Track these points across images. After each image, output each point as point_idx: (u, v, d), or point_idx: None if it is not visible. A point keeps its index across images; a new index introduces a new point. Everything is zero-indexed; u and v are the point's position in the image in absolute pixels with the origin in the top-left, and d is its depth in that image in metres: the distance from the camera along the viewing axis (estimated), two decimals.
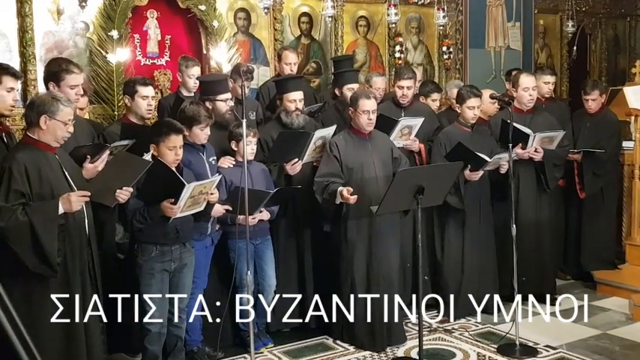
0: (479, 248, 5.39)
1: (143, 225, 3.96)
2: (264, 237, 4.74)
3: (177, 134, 4.00)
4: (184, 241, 4.16)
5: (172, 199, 3.85)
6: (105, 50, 5.65)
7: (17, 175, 3.23)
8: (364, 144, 4.77)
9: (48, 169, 3.37)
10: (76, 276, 3.40)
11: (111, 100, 5.67)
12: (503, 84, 7.28)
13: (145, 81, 4.54)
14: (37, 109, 3.37)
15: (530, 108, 5.64)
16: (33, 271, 3.21)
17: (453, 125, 5.46)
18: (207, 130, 4.36)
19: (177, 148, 4.00)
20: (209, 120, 4.35)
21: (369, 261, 4.71)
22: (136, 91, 4.41)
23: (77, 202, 3.32)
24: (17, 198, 3.23)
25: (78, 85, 3.99)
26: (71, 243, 3.38)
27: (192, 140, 4.35)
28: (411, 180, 4.16)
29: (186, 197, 3.84)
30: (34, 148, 3.38)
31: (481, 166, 5.05)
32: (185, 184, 3.80)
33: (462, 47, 8.01)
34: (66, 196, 3.30)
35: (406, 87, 5.62)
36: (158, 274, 4.05)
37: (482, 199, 5.40)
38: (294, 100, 4.96)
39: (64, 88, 3.92)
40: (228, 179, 4.53)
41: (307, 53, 7.01)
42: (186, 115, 4.32)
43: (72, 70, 3.93)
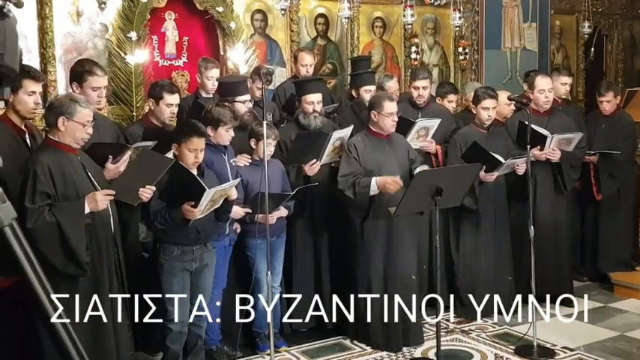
0: (495, 249, 5.43)
1: (164, 226, 4.01)
2: (281, 234, 4.80)
3: (199, 137, 4.04)
4: (205, 242, 4.21)
5: (193, 201, 3.90)
6: (123, 51, 5.73)
7: (42, 177, 3.29)
8: (382, 146, 4.82)
9: (71, 170, 3.43)
10: (104, 274, 3.48)
11: (129, 100, 5.75)
12: (520, 85, 7.31)
13: (172, 88, 4.52)
14: (55, 110, 3.43)
15: (547, 109, 5.67)
16: (62, 271, 3.27)
17: (469, 126, 5.51)
18: (232, 131, 4.43)
19: (198, 151, 4.04)
20: (234, 122, 4.42)
21: (387, 262, 4.76)
22: (162, 98, 4.41)
23: (103, 201, 3.38)
24: (44, 199, 3.29)
25: (100, 88, 4.05)
26: (98, 241, 3.45)
27: (215, 141, 4.42)
28: (430, 181, 4.20)
29: (207, 201, 3.90)
30: (56, 149, 3.44)
31: (496, 167, 5.09)
32: (206, 189, 3.84)
33: (477, 48, 8.04)
34: (91, 195, 3.36)
35: (422, 87, 5.67)
36: (179, 273, 4.10)
37: (498, 200, 5.45)
38: (313, 102, 5.02)
39: (87, 90, 3.99)
40: (244, 178, 4.59)
41: (323, 54, 7.07)
42: (212, 115, 4.39)
43: (95, 72, 4.00)
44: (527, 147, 4.79)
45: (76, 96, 3.60)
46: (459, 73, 7.96)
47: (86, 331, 3.31)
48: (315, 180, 4.91)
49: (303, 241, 5.10)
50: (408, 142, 5.12)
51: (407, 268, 4.80)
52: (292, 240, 5.02)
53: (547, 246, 5.56)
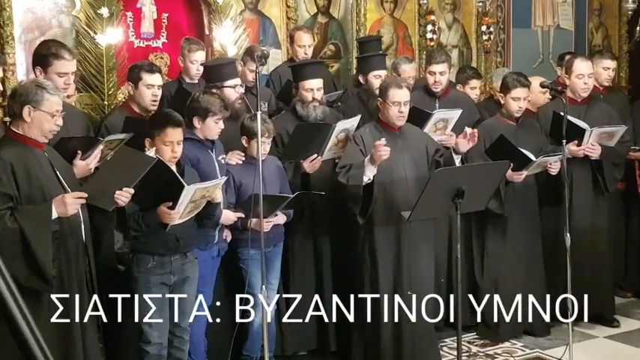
0: (524, 260, 5.45)
1: (138, 232, 4.02)
2: (277, 243, 4.81)
3: (174, 127, 4.06)
4: (186, 251, 4.22)
5: (170, 202, 3.91)
6: (93, 31, 5.73)
7: (3, 176, 3.30)
8: (394, 140, 4.81)
9: (37, 168, 3.44)
10: (73, 289, 3.49)
11: (100, 87, 5.76)
12: (554, 69, 7.34)
13: (152, 68, 4.64)
14: (20, 98, 3.45)
15: (585, 98, 5.69)
16: (24, 286, 3.24)
17: (496, 117, 5.54)
18: (222, 123, 4.44)
19: (175, 144, 4.05)
20: (225, 112, 4.43)
21: (397, 277, 4.76)
22: (141, 79, 4.50)
23: (73, 205, 3.39)
24: (5, 202, 3.29)
25: (68, 74, 4.08)
26: (67, 252, 3.47)
27: (202, 135, 4.43)
28: (450, 181, 4.22)
29: (187, 201, 3.90)
30: (20, 144, 3.45)
31: (525, 166, 5.11)
32: (184, 186, 3.85)
33: (504, 27, 8.07)
34: (60, 198, 3.37)
35: (439, 72, 5.69)
36: (156, 287, 4.11)
37: (527, 204, 5.47)
38: (312, 89, 5.02)
39: (52, 75, 4.02)
40: (237, 179, 4.61)
41: (325, 34, 7.09)
42: (200, 104, 4.40)
43: (62, 55, 4.03)
44: (563, 142, 4.81)
45: (44, 82, 3.61)
46: (483, 55, 7.98)
47: (52, 351, 3.31)
48: (316, 179, 4.93)
49: (302, 250, 5.12)
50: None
51: (421, 283, 4.80)
52: (290, 250, 5.04)
53: (585, 257, 5.57)
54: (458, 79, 6.25)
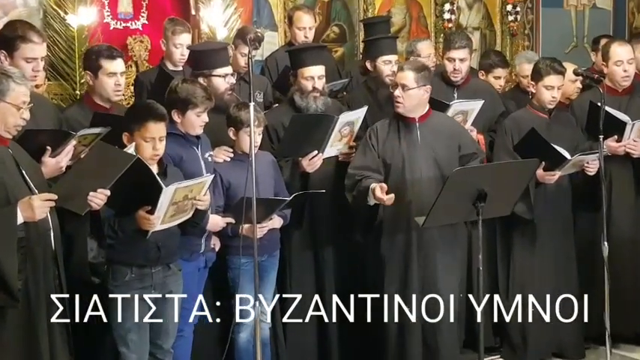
0: (555, 272, 5.46)
1: (114, 240, 4.04)
2: (273, 251, 4.83)
3: (157, 122, 4.06)
4: (168, 262, 4.24)
5: (149, 207, 3.92)
6: (63, 10, 5.77)
7: None
8: (411, 132, 4.83)
9: (0, 166, 3.45)
10: (41, 303, 3.49)
11: (71, 75, 5.80)
12: (588, 55, 7.35)
13: (112, 52, 4.56)
14: None
15: (626, 87, 5.71)
16: None
17: (525, 109, 5.54)
18: (205, 116, 4.43)
19: (157, 140, 4.05)
20: (208, 103, 4.41)
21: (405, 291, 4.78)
22: (100, 67, 4.46)
23: (41, 209, 3.40)
24: None
25: (37, 59, 4.09)
26: (34, 261, 3.47)
27: (184, 130, 4.44)
28: (470, 182, 4.24)
29: (167, 204, 3.91)
30: None
31: (559, 165, 5.12)
32: (163, 187, 3.86)
33: (532, 6, 8.09)
34: (27, 200, 3.38)
35: (459, 59, 5.70)
36: (134, 303, 4.13)
37: (560, 208, 5.48)
38: (313, 77, 5.04)
39: (19, 61, 4.03)
40: (225, 178, 4.63)
41: (327, 14, 7.13)
42: (178, 95, 4.40)
43: (31, 38, 4.04)
44: (600, 137, 4.83)
45: (9, 69, 3.62)
46: (508, 39, 8.01)
47: None
48: (316, 179, 4.95)
49: (301, 258, 5.13)
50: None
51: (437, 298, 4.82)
52: (287, 258, 5.05)
53: (625, 269, 5.59)
54: (480, 65, 6.27)
